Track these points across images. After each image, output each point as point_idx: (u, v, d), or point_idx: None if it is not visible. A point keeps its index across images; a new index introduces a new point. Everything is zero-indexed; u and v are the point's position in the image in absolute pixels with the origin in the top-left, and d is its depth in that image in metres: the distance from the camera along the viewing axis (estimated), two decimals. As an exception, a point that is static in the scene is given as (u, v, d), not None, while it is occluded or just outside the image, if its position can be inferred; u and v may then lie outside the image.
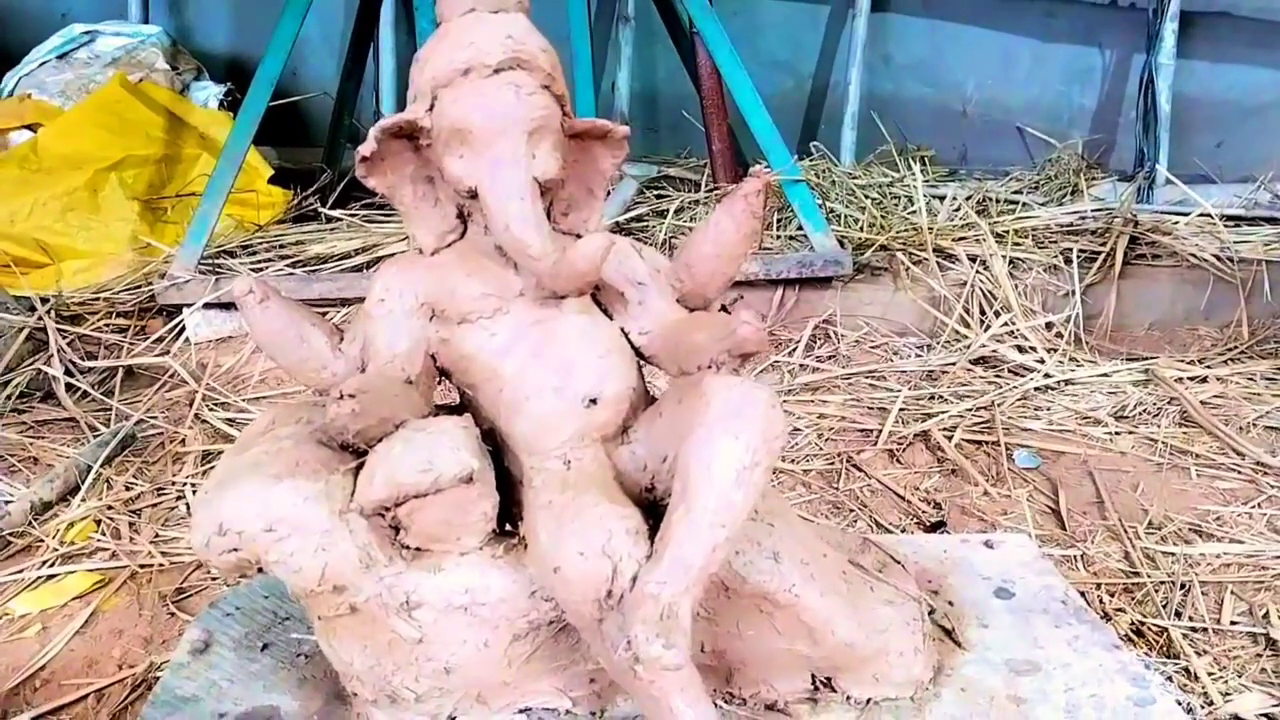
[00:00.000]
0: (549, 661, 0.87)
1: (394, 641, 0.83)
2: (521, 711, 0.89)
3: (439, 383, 0.96)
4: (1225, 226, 2.44)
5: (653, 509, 0.89)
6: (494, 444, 0.91)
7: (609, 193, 1.00)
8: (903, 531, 1.54)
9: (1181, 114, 2.98)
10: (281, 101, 2.56)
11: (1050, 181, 2.88)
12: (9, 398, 1.91)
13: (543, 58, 0.89)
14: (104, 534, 1.53)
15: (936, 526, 1.52)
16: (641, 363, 0.96)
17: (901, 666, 0.91)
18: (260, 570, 0.82)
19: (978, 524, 1.58)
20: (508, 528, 0.89)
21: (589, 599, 0.77)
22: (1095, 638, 0.99)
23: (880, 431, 1.82)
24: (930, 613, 0.99)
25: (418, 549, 0.84)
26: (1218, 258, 2.30)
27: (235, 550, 0.80)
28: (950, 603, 1.05)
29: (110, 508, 1.59)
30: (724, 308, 1.01)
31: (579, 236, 0.97)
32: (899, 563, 1.03)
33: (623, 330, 0.95)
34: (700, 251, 0.96)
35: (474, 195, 0.88)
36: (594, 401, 0.89)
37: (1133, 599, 1.39)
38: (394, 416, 0.83)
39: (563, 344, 0.90)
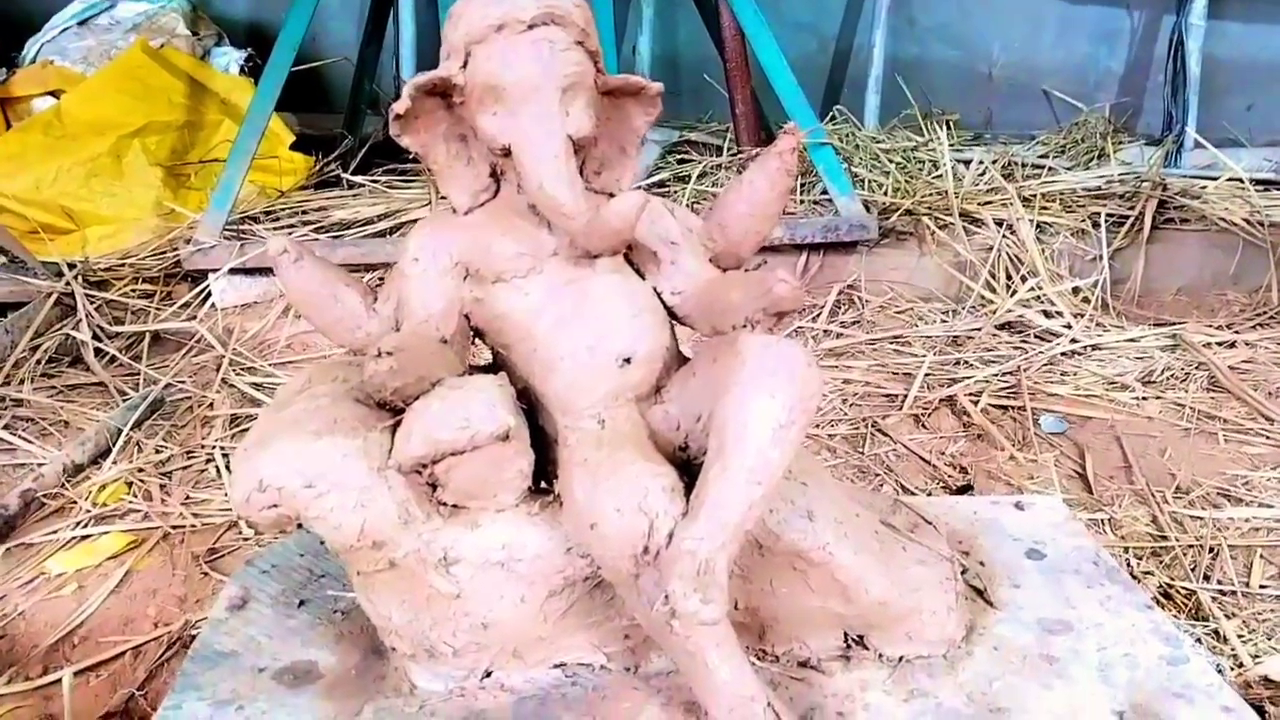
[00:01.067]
0: (584, 617, 0.88)
1: (432, 597, 0.84)
2: (557, 666, 0.90)
3: (472, 342, 0.96)
4: (1255, 190, 2.41)
5: (686, 467, 0.89)
6: (528, 403, 0.91)
7: (640, 151, 0.99)
8: (929, 495, 1.54)
9: (1211, 76, 2.93)
10: (302, 67, 2.54)
11: (1077, 145, 2.85)
12: (39, 362, 1.92)
13: (576, 13, 0.88)
14: (135, 496, 1.55)
15: (963, 490, 1.52)
16: (673, 322, 0.96)
17: (934, 625, 0.91)
18: (299, 526, 0.83)
19: (1004, 488, 1.58)
20: (543, 485, 0.89)
21: (625, 555, 0.77)
22: (1128, 598, 0.99)
23: (905, 397, 1.81)
24: (962, 572, 1.00)
25: (454, 506, 0.85)
26: (1248, 221, 2.28)
27: (275, 506, 0.80)
28: (981, 563, 1.05)
29: (141, 470, 1.61)
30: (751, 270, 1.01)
31: (611, 195, 0.96)
32: (930, 523, 1.03)
33: (655, 290, 0.95)
34: (734, 210, 0.95)
35: (507, 153, 0.88)
36: (628, 361, 0.89)
37: (1160, 562, 1.39)
38: (430, 375, 0.83)
39: (596, 303, 0.90)
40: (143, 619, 1.27)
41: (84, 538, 1.44)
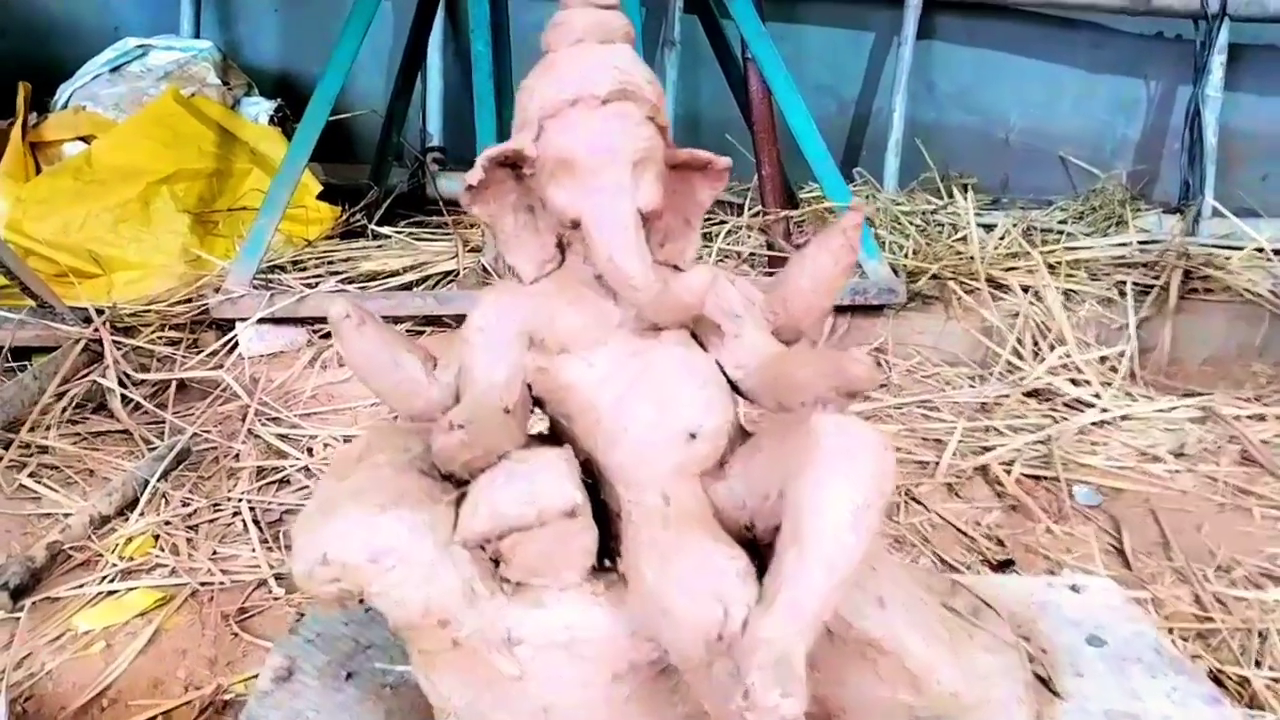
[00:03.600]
0: (647, 703, 0.86)
1: (493, 678, 0.82)
2: (616, 751, 0.88)
3: (532, 412, 0.95)
4: (1277, 261, 2.42)
5: (752, 547, 0.88)
6: (590, 476, 0.90)
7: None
8: (967, 569, 1.52)
9: (1227, 146, 2.96)
10: (332, 118, 2.56)
11: (1095, 212, 2.86)
12: (64, 409, 1.91)
13: (649, 89, 0.88)
14: (163, 550, 1.53)
15: (1005, 565, 1.50)
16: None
17: (1004, 716, 0.89)
18: (361, 602, 0.81)
19: (1043, 563, 1.56)
20: (606, 564, 0.88)
21: (698, 642, 0.76)
22: (1194, 689, 0.97)
23: (938, 464, 1.80)
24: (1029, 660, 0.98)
25: (518, 583, 0.83)
26: (1273, 293, 2.28)
27: (338, 581, 0.79)
28: (1043, 650, 1.03)
29: (168, 523, 1.59)
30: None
31: (675, 267, 0.96)
32: (991, 607, 1.01)
33: (718, 363, 0.94)
34: (796, 285, 0.95)
35: (576, 225, 0.88)
36: (693, 435, 0.88)
37: (1207, 645, 1.36)
38: (497, 447, 0.82)
39: (661, 376, 0.89)
40: (173, 681, 1.25)
41: (111, 593, 1.42)
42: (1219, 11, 2.82)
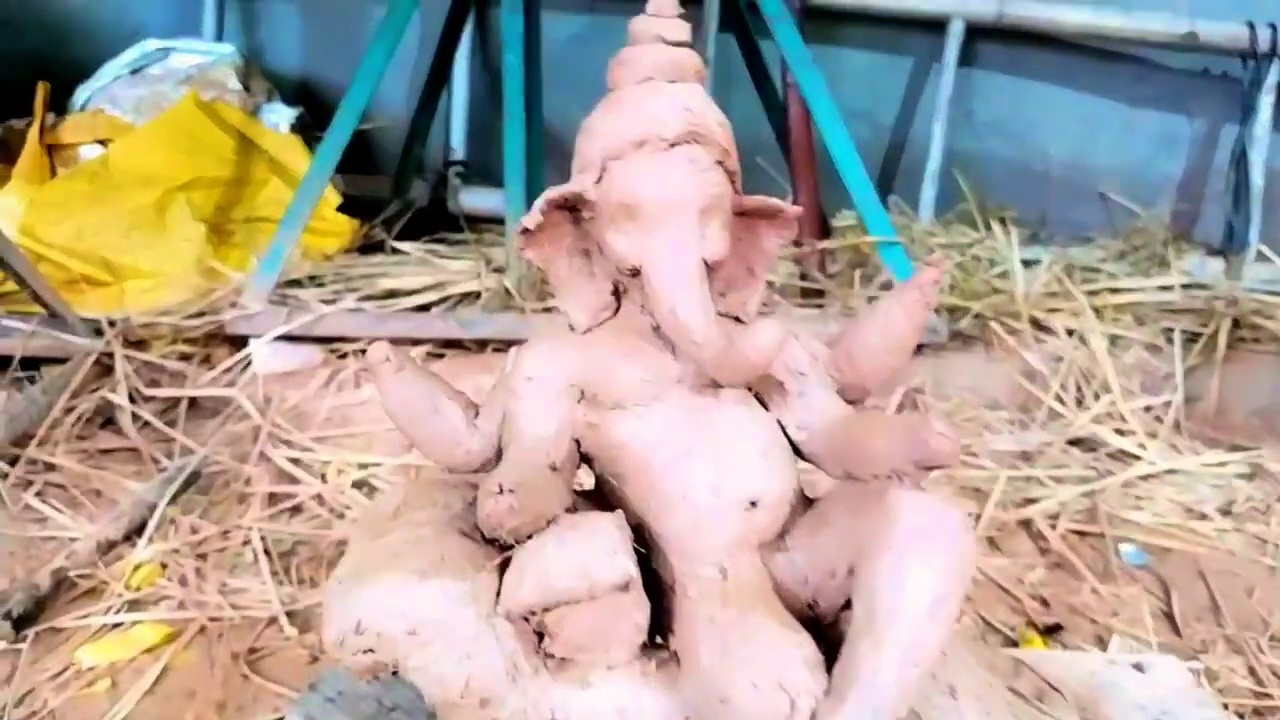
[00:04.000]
0: (700, 795, 0.79)
1: (535, 765, 0.75)
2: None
3: (579, 467, 0.88)
4: (1325, 311, 2.34)
5: (814, 626, 0.81)
6: (640, 543, 0.83)
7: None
8: (1012, 630, 1.45)
9: (1273, 188, 2.89)
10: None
11: (1135, 251, 2.79)
12: (73, 424, 1.85)
13: (719, 132, 0.82)
14: (170, 579, 1.47)
15: (1053, 630, 1.43)
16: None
17: (1083, 820, 0.82)
18: (394, 674, 0.75)
19: (1090, 627, 1.49)
20: (657, 640, 0.81)
21: (761, 736, 0.69)
22: (1282, 792, 0.90)
23: (978, 516, 1.73)
24: (1098, 751, 0.91)
25: (562, 659, 0.77)
26: (1322, 344, 2.21)
27: (372, 652, 0.73)
28: (1109, 736, 0.96)
29: (176, 551, 1.53)
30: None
31: (737, 319, 0.90)
32: (1057, 690, 0.95)
33: (779, 422, 0.88)
34: (865, 341, 0.89)
35: (636, 274, 0.82)
36: (754, 504, 0.81)
37: (1266, 723, 1.29)
38: (546, 512, 0.76)
39: (721, 438, 0.82)
40: (180, 726, 1.18)
41: (116, 625, 1.36)
42: (1269, 50, 2.75)
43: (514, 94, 2.23)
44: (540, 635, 0.76)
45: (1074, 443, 1.99)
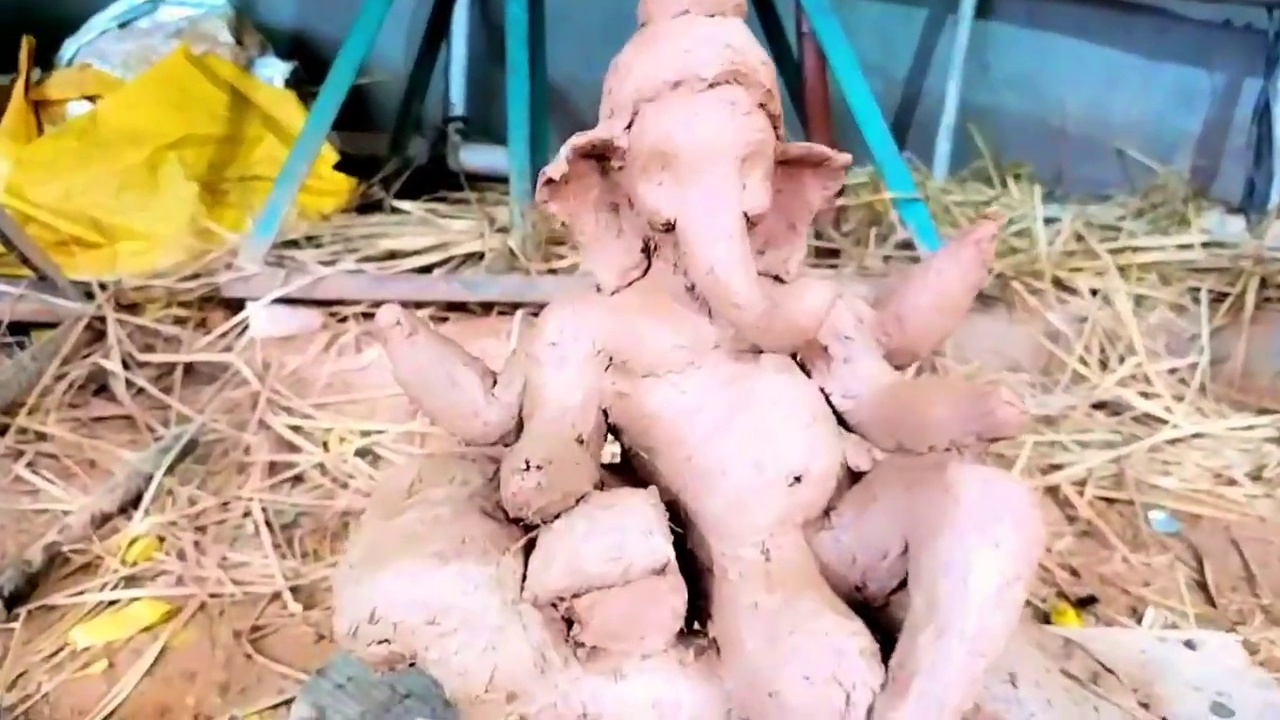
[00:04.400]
0: (743, 792, 0.74)
1: (566, 762, 0.70)
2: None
3: (607, 440, 0.82)
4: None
5: (863, 610, 0.75)
6: (675, 522, 0.77)
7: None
8: (1043, 602, 1.40)
9: (1295, 143, 2.81)
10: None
11: (1154, 209, 2.71)
12: (65, 391, 1.78)
13: (763, 71, 0.75)
14: (168, 554, 1.41)
15: (1088, 601, 1.38)
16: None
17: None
18: (412, 665, 0.69)
19: (1122, 596, 1.44)
20: (695, 626, 0.75)
21: (815, 733, 0.64)
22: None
23: (1003, 481, 1.67)
24: (1156, 737, 0.86)
25: (593, 648, 0.71)
26: (1350, 304, 2.14)
27: (387, 643, 0.67)
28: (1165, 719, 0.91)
29: (174, 524, 1.47)
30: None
31: (778, 278, 0.83)
32: (1111, 671, 0.89)
33: (823, 390, 0.81)
34: (915, 302, 0.82)
35: (670, 229, 0.75)
36: (798, 479, 0.75)
37: (1312, 697, 1.24)
38: (575, 490, 0.69)
39: (763, 408, 0.76)
40: (181, 709, 1.13)
41: (112, 602, 1.30)
42: (1297, -1, 2.67)
43: (517, 46, 2.14)
44: (570, 623, 0.70)
45: (1098, 406, 1.93)
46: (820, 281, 0.73)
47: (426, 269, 2.19)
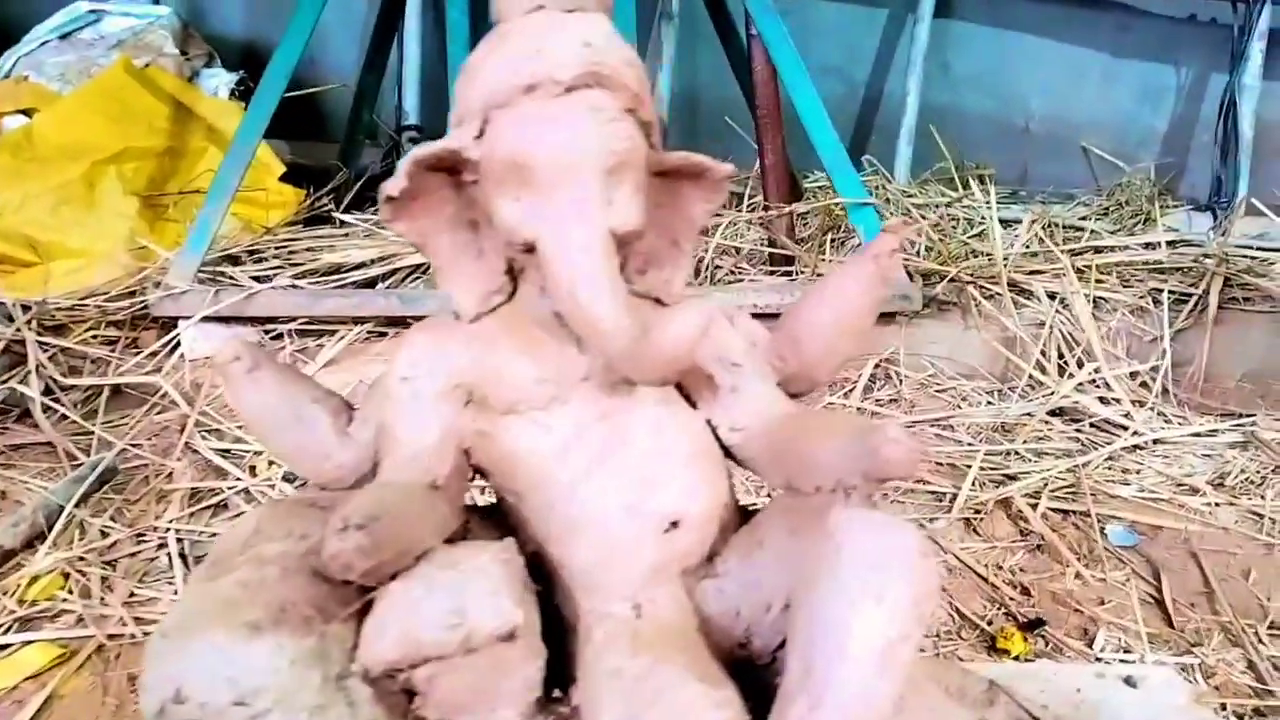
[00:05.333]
0: None
1: None
2: None
3: (472, 480, 0.75)
4: (1321, 266, 2.22)
5: (749, 670, 0.69)
6: (540, 575, 0.70)
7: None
8: (989, 624, 1.33)
9: (1263, 139, 2.76)
10: (297, 93, 2.34)
11: (1120, 208, 2.66)
12: (-20, 417, 1.71)
13: (628, 73, 0.68)
14: (71, 592, 1.33)
15: (1034, 625, 1.31)
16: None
17: None
18: (234, 747, 0.62)
19: (1074, 616, 1.37)
20: (555, 693, 0.68)
21: (673, 818, 0.57)
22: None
23: (954, 495, 1.61)
24: (1082, 792, 0.79)
25: (439, 721, 0.64)
26: (1318, 302, 2.09)
27: (197, 723, 0.60)
28: (1097, 768, 0.84)
29: (82, 558, 1.39)
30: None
31: (659, 301, 0.76)
32: (1036, 719, 0.82)
33: (709, 423, 0.75)
34: (813, 322, 0.75)
35: (530, 249, 0.68)
36: (675, 524, 0.69)
37: (1268, 724, 1.18)
38: (413, 547, 0.63)
39: (636, 446, 0.69)
40: (60, 766, 1.06)
41: (3, 647, 1.23)
42: (1261, -7, 2.61)
43: (459, 52, 2.08)
44: (410, 694, 0.63)
45: (1056, 413, 1.87)
46: (693, 305, 0.66)
47: (370, 283, 2.12)
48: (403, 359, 0.71)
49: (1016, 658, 1.26)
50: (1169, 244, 2.32)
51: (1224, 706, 1.21)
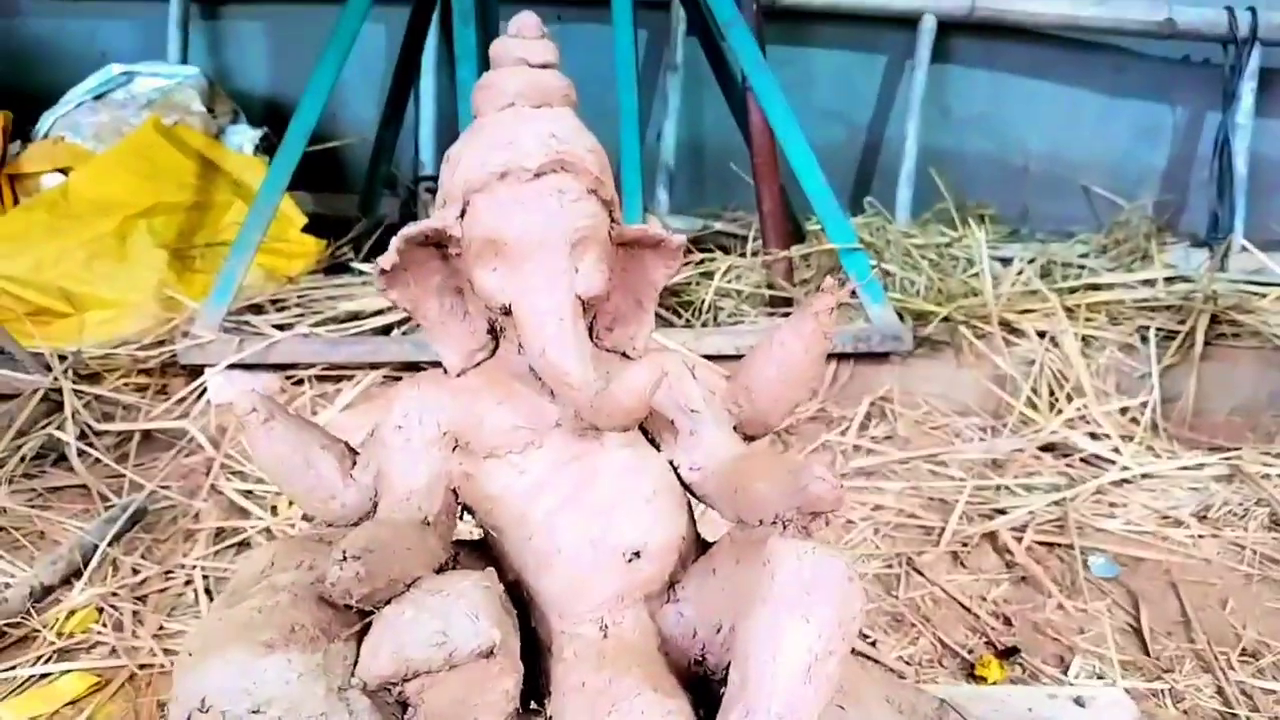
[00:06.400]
0: None
1: (397, 845, 0.71)
2: None
3: (460, 517, 0.84)
4: (1311, 302, 2.28)
5: (704, 684, 0.77)
6: (519, 601, 0.79)
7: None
8: (970, 653, 1.40)
9: (1259, 176, 2.82)
10: (317, 147, 2.47)
11: (1119, 245, 2.73)
12: (21, 461, 1.82)
13: (590, 159, 0.77)
14: (105, 625, 1.43)
15: (1010, 652, 1.38)
16: (692, 501, 0.84)
17: None
18: (248, 753, 0.70)
19: (1052, 645, 1.43)
20: (533, 705, 0.77)
21: (627, 814, 0.65)
22: (1219, 841, 0.85)
23: (943, 529, 1.68)
24: (1022, 801, 0.86)
25: (428, 731, 0.72)
26: (1306, 338, 2.14)
27: (217, 732, 0.68)
28: (1042, 782, 0.91)
29: (115, 594, 1.49)
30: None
31: (625, 355, 0.85)
32: (983, 733, 0.90)
33: (671, 464, 0.83)
34: (762, 374, 0.84)
35: (508, 312, 0.77)
36: (637, 554, 0.77)
37: (1232, 747, 1.24)
38: (405, 575, 0.71)
39: (603, 485, 0.78)
40: (95, 784, 1.15)
41: (44, 676, 1.32)
42: (1249, 36, 2.69)
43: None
44: (404, 705, 0.71)
45: (1047, 449, 1.93)
46: (655, 359, 0.75)
47: (386, 330, 2.22)
48: (396, 410, 0.80)
49: (994, 684, 1.32)
50: (1166, 280, 2.39)
51: (1190, 729, 1.27)
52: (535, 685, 0.76)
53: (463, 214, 0.77)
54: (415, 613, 0.69)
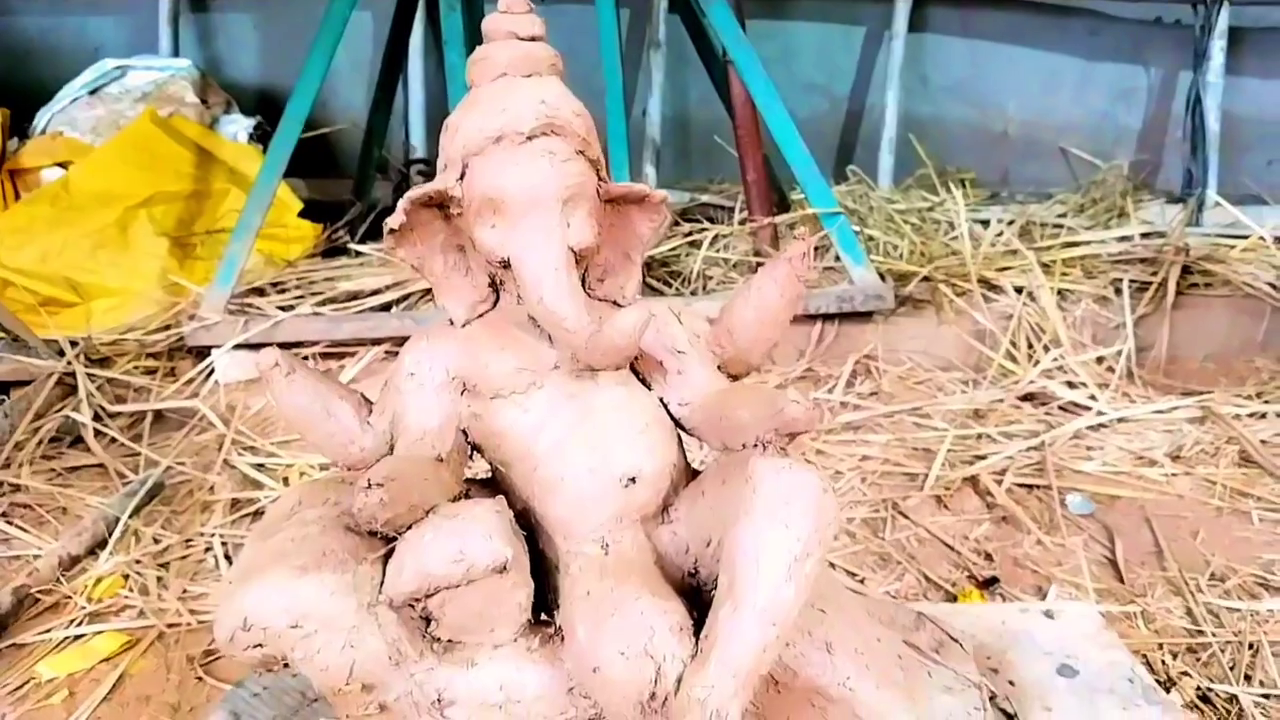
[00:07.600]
0: (588, 762, 0.82)
1: (425, 743, 0.79)
2: (558, 812, 0.84)
3: (471, 457, 0.91)
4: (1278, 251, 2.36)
5: (698, 595, 0.84)
6: (528, 526, 0.86)
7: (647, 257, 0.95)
8: (953, 586, 1.48)
9: (1231, 132, 2.90)
10: (310, 134, 2.53)
11: (1096, 204, 2.80)
12: (39, 443, 1.89)
13: (577, 122, 0.85)
14: (131, 590, 1.50)
15: (990, 583, 1.46)
16: (682, 434, 0.92)
17: (965, 764, 0.85)
18: (286, 665, 0.78)
19: (1031, 577, 1.52)
20: (543, 617, 0.84)
21: (630, 702, 0.72)
22: (1169, 724, 0.93)
23: (927, 476, 1.75)
24: (991, 698, 0.94)
25: (449, 641, 0.80)
26: (1274, 285, 2.22)
27: (260, 646, 0.76)
28: (1011, 682, 0.99)
29: (138, 562, 1.56)
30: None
31: (615, 304, 0.93)
32: (956, 640, 0.97)
33: (662, 401, 0.90)
34: (741, 317, 0.91)
35: (507, 265, 0.84)
36: (633, 480, 0.84)
37: (1198, 660, 1.32)
38: (424, 502, 0.79)
39: (599, 419, 0.85)
40: (133, 730, 1.22)
41: (78, 637, 1.40)
42: (1217, -5, 2.76)
43: (459, 93, 2.24)
44: (428, 620, 0.79)
45: (1026, 399, 2.01)
46: (636, 306, 0.82)
47: (385, 307, 2.29)
48: (408, 359, 0.87)
49: (973, 609, 1.40)
50: (1141, 236, 2.47)
51: (1160, 646, 1.35)
52: (545, 600, 0.84)
53: (462, 176, 0.84)
54: (435, 535, 0.77)
